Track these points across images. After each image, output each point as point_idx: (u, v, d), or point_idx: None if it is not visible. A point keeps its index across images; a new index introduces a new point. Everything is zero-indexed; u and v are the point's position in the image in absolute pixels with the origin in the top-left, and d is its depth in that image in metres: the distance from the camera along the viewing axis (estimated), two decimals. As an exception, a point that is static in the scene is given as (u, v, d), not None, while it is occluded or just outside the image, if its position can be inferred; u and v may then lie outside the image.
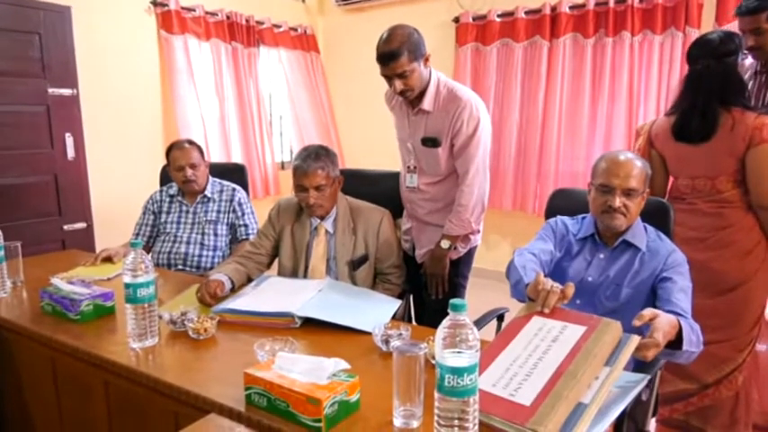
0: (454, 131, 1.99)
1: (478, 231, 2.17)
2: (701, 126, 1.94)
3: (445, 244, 2.05)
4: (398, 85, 1.93)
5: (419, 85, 1.96)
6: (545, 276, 1.38)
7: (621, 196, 1.58)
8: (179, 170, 2.47)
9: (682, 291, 1.51)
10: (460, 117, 1.97)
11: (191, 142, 2.54)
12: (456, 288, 2.15)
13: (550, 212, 1.94)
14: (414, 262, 2.22)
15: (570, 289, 1.32)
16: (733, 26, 3.29)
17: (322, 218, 2.04)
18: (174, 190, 2.60)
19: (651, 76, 3.74)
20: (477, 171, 2.01)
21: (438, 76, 2.03)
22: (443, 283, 2.09)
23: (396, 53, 1.86)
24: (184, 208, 2.56)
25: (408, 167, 2.17)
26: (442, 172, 2.09)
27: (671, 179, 2.15)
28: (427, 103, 2.00)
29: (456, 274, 2.14)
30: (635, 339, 1.21)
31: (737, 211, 1.96)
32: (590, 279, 1.65)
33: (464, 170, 2.01)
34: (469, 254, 2.19)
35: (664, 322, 1.29)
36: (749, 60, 2.09)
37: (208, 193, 2.55)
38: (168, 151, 2.53)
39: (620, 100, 3.84)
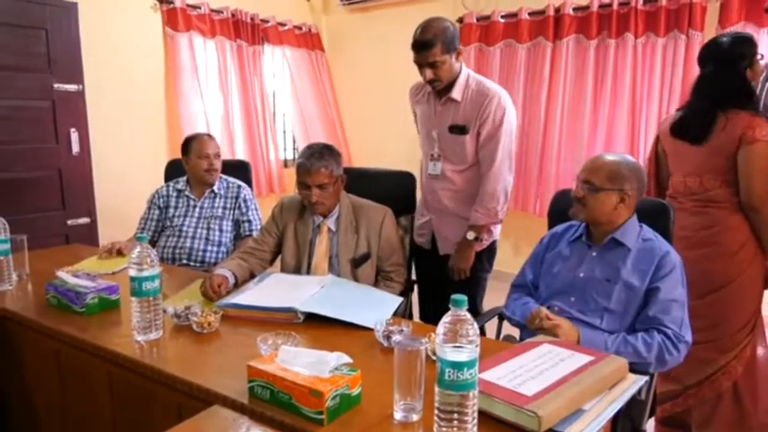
0: (481, 121, 2.05)
1: (501, 221, 2.18)
2: (698, 130, 1.96)
3: (471, 235, 2.08)
4: (428, 73, 1.99)
5: (448, 77, 2.03)
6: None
7: (580, 185, 1.65)
8: (204, 157, 2.49)
9: (672, 300, 1.55)
10: (488, 108, 2.03)
11: (210, 136, 2.59)
12: (478, 282, 2.18)
13: (554, 213, 1.96)
14: (425, 255, 2.23)
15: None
16: (737, 29, 3.31)
17: (324, 216, 2.06)
18: (181, 184, 2.62)
19: (653, 78, 3.74)
20: (503, 161, 2.06)
21: (468, 70, 2.10)
22: (467, 275, 2.12)
23: (430, 42, 1.94)
24: (192, 202, 2.58)
25: (432, 155, 2.19)
26: (467, 160, 2.12)
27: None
28: (456, 93, 2.07)
29: (480, 268, 2.17)
30: (630, 378, 1.25)
31: (722, 212, 1.96)
32: (582, 275, 1.67)
33: (490, 159, 2.06)
34: (492, 246, 2.21)
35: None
36: (764, 61, 2.06)
37: (215, 188, 2.58)
38: (189, 141, 2.55)
39: (622, 102, 3.84)
